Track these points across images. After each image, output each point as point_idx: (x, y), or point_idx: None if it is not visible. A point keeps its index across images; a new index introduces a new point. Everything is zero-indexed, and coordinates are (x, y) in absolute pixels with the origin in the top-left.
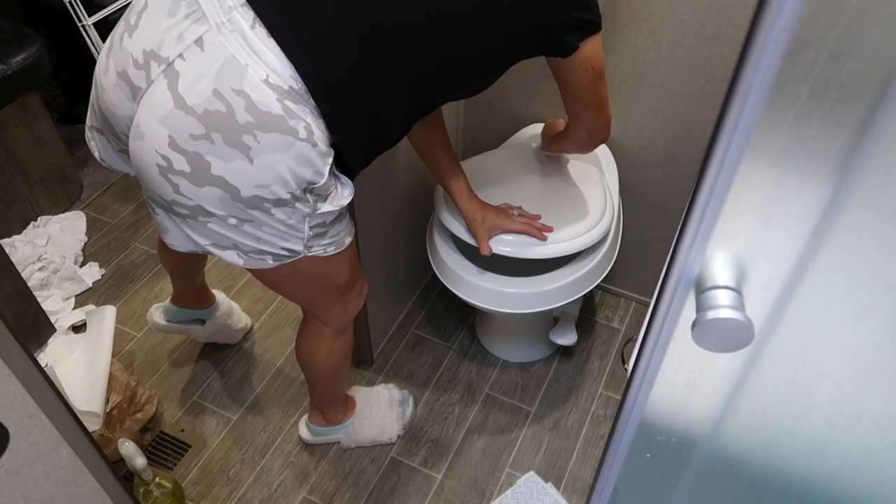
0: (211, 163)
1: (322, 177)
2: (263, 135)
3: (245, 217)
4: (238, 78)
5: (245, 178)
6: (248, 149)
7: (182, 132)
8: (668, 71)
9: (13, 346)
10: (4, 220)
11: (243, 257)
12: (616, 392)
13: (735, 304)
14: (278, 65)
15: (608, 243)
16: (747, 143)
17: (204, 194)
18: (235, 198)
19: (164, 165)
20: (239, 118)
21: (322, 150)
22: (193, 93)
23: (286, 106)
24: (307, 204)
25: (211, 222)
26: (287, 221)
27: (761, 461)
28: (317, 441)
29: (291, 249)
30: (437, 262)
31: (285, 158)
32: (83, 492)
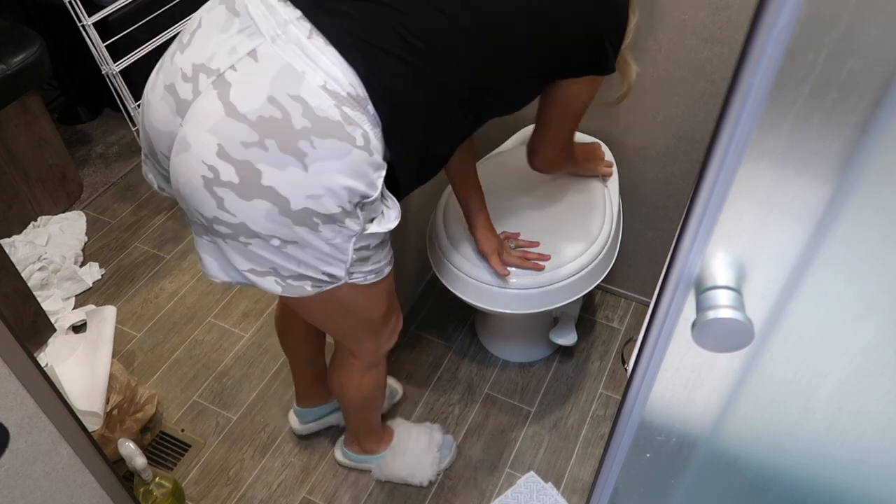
0: (262, 171)
1: (375, 190)
2: (320, 140)
3: (289, 237)
4: (295, 84)
5: (297, 187)
6: (303, 155)
7: (233, 140)
8: (668, 71)
9: (13, 346)
10: (4, 220)
11: (282, 284)
12: (616, 392)
13: (735, 304)
14: (337, 71)
15: (608, 243)
16: (747, 143)
17: (251, 209)
18: (284, 211)
19: (210, 177)
20: (295, 123)
21: (377, 162)
22: (246, 100)
23: (344, 112)
24: (357, 221)
25: (252, 244)
26: (332, 241)
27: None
28: (349, 465)
29: (332, 275)
30: (437, 262)
31: (341, 167)
32: (83, 492)
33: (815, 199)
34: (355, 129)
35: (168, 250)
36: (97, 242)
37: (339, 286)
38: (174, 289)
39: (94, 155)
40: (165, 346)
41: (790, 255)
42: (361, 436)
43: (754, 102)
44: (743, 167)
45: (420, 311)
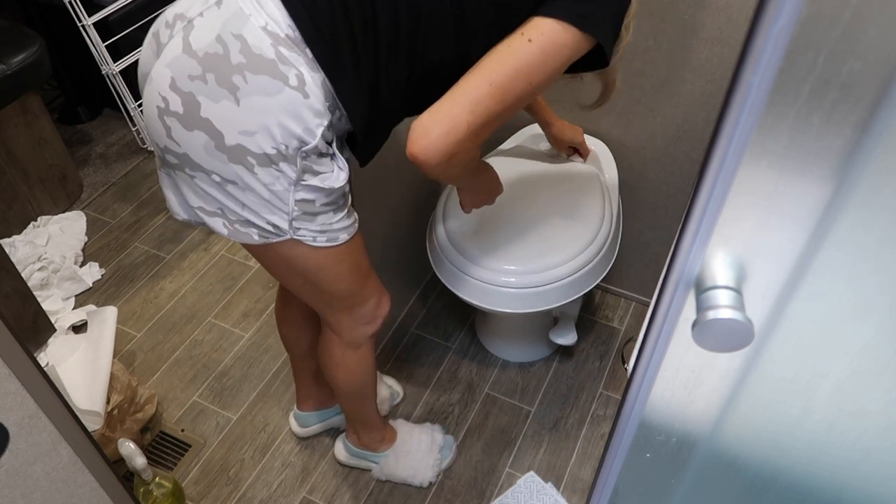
0: (201, 103)
1: (313, 137)
2: (253, 76)
3: (228, 175)
4: (240, 24)
5: (230, 121)
6: (236, 89)
7: (182, 73)
8: (668, 71)
9: (13, 346)
10: (4, 220)
11: (229, 227)
12: (616, 392)
13: (735, 304)
14: (277, 13)
15: (608, 243)
16: (747, 143)
17: (192, 140)
18: (219, 146)
19: (162, 107)
20: (232, 59)
21: (315, 107)
22: (199, 39)
23: (279, 51)
24: (293, 168)
25: (197, 177)
26: (271, 186)
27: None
28: (351, 463)
29: (276, 225)
30: (437, 262)
31: (272, 105)
32: (83, 492)
33: (815, 199)
34: (289, 69)
35: (168, 250)
36: (97, 242)
37: (287, 241)
38: (174, 289)
39: (94, 155)
40: (165, 346)
41: (790, 255)
42: (359, 428)
43: (754, 102)
44: (743, 167)
45: (420, 311)
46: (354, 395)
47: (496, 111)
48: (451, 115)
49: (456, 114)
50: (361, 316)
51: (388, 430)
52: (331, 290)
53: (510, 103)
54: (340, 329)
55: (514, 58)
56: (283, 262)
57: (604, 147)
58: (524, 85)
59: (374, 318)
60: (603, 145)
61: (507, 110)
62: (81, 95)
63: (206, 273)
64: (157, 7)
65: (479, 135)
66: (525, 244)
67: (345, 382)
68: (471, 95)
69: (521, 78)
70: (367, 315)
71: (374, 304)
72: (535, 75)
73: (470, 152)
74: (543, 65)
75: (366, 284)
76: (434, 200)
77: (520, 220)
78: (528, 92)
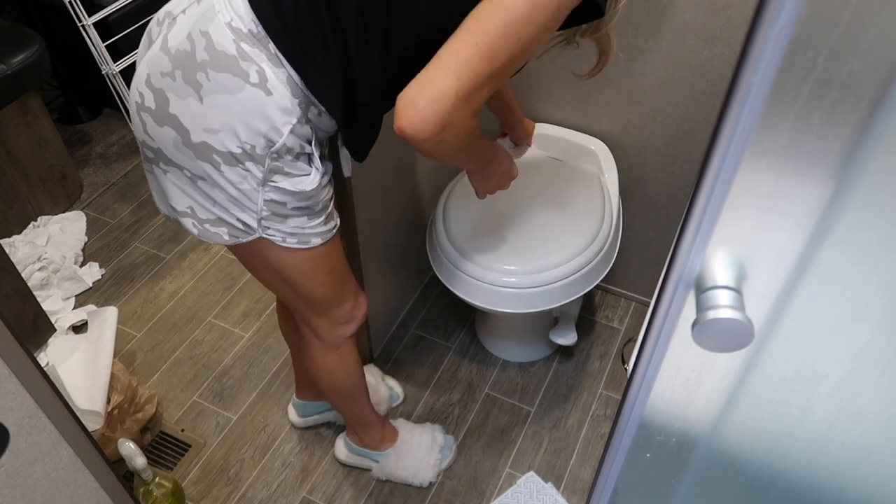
0: (170, 100)
1: (280, 135)
2: (215, 74)
3: (197, 171)
4: (208, 21)
5: (195, 119)
6: (200, 86)
7: (156, 70)
8: (668, 71)
9: (13, 346)
10: (4, 220)
11: (198, 227)
12: (616, 392)
13: (735, 304)
14: (242, 9)
15: (608, 243)
16: (747, 143)
17: (163, 135)
18: (186, 143)
19: (140, 102)
20: (197, 56)
21: (281, 104)
22: (174, 36)
23: (240, 48)
24: (260, 168)
25: (171, 171)
26: (239, 185)
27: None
28: (351, 462)
29: (246, 223)
30: (437, 262)
31: (234, 104)
32: (83, 492)
33: (815, 199)
34: (250, 66)
35: (168, 250)
36: (97, 242)
37: (257, 240)
38: (174, 289)
39: (94, 155)
40: (165, 346)
41: (790, 255)
42: (357, 428)
43: (754, 102)
44: (743, 167)
45: (420, 311)
46: (343, 396)
47: (486, 73)
48: (437, 83)
49: (441, 80)
50: (338, 317)
51: (388, 428)
52: (307, 294)
53: (500, 64)
54: (318, 330)
55: (499, 14)
56: (259, 262)
57: (604, 147)
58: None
59: (351, 318)
60: (603, 145)
61: (499, 73)
62: (81, 95)
63: (206, 273)
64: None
65: (471, 101)
66: (525, 244)
67: (329, 384)
68: (456, 59)
69: (510, 35)
70: (343, 317)
71: (351, 306)
72: (524, 31)
73: (464, 122)
74: (532, 18)
75: (343, 288)
76: (434, 200)
77: (520, 221)
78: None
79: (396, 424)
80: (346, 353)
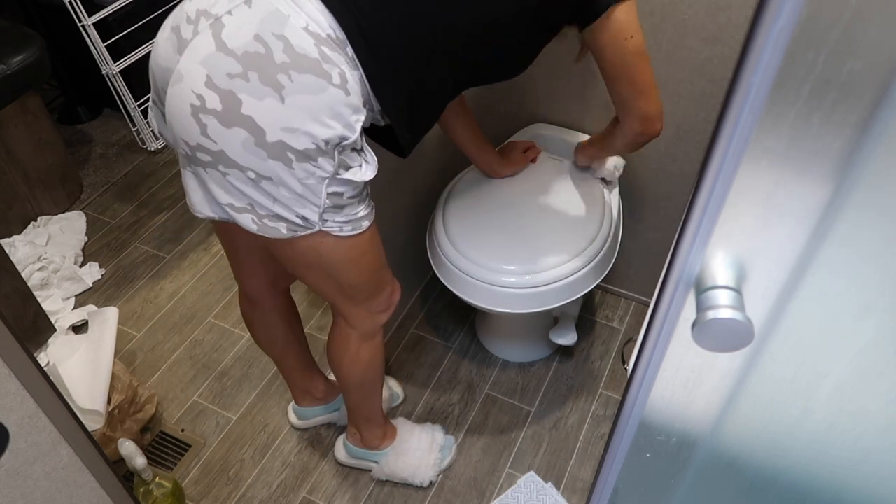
0: (243, 101)
1: (353, 132)
2: (298, 75)
3: (264, 171)
4: (280, 25)
5: (274, 119)
6: (281, 87)
7: (220, 71)
8: (668, 71)
9: (13, 346)
10: (4, 220)
11: (258, 222)
12: (616, 392)
13: (735, 304)
14: (318, 14)
15: (608, 243)
16: (747, 143)
17: (230, 136)
18: (260, 142)
19: (198, 105)
20: (276, 58)
21: (354, 104)
22: (235, 38)
23: (322, 51)
24: (330, 162)
25: (230, 174)
26: (306, 181)
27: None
28: (351, 464)
29: (306, 218)
30: (437, 262)
31: (316, 103)
32: (83, 492)
33: (815, 199)
34: (332, 68)
35: (168, 250)
36: (97, 242)
37: (315, 234)
38: (174, 289)
39: (94, 155)
40: (165, 346)
41: (790, 255)
42: (362, 424)
43: (754, 102)
44: (743, 167)
45: (420, 311)
46: (366, 388)
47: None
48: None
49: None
50: (377, 305)
51: (388, 427)
52: (353, 282)
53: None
54: (356, 320)
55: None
56: (311, 256)
57: None
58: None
59: (389, 305)
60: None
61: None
62: (81, 95)
63: (206, 273)
64: (157, 7)
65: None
66: (525, 244)
67: (357, 375)
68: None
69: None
70: (382, 303)
71: (390, 292)
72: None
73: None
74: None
75: (382, 274)
76: (434, 201)
77: (520, 221)
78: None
79: (396, 423)
80: (379, 343)
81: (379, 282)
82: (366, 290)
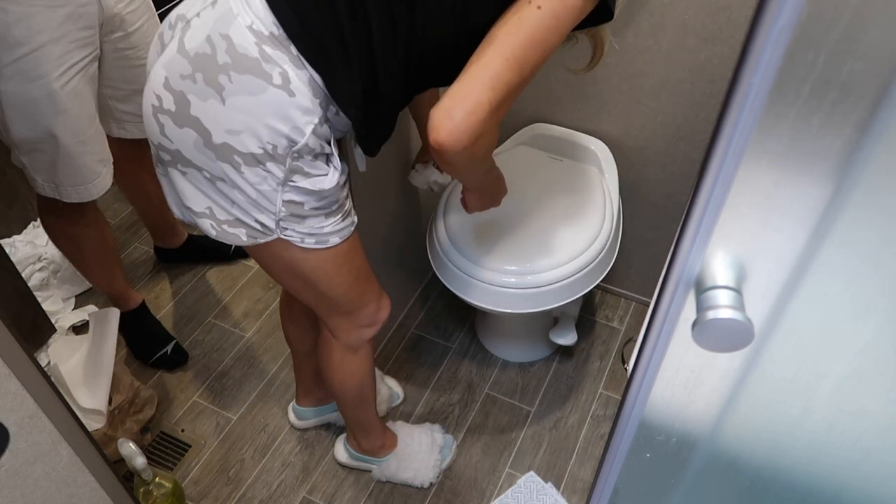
0: (191, 102)
1: (302, 135)
2: (237, 76)
3: (217, 172)
4: (227, 24)
5: (217, 120)
6: (222, 88)
7: (175, 73)
8: (668, 71)
9: (13, 346)
10: (4, 220)
11: (217, 228)
12: (616, 392)
13: (735, 304)
14: (262, 12)
15: (608, 243)
16: (747, 143)
17: (183, 137)
18: (207, 144)
19: (157, 105)
20: (219, 59)
21: (302, 105)
22: (192, 39)
23: (263, 50)
24: (281, 168)
25: (189, 173)
26: (259, 186)
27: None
28: (352, 465)
29: (264, 224)
30: (437, 262)
31: (257, 105)
32: (83, 492)
33: (815, 199)
34: (273, 68)
35: None
36: None
37: (276, 241)
38: (174, 289)
39: None
40: None
41: (790, 256)
42: (358, 433)
43: (754, 102)
44: (743, 167)
45: (420, 311)
46: (353, 400)
47: (515, 83)
48: (473, 94)
49: (477, 92)
50: (360, 319)
51: (388, 435)
52: (328, 294)
53: (527, 73)
54: (339, 332)
55: (526, 27)
56: (279, 263)
57: (604, 147)
58: (539, 52)
59: (374, 322)
60: (603, 145)
61: (525, 81)
62: None
63: (207, 273)
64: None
65: (500, 111)
66: (525, 244)
67: (343, 386)
68: (489, 71)
69: (536, 46)
70: (366, 319)
71: (374, 309)
72: (548, 41)
73: (494, 132)
74: (556, 29)
75: (366, 288)
76: (434, 201)
77: (520, 221)
78: (543, 58)
79: (395, 428)
80: (365, 357)
81: (361, 296)
82: (345, 304)
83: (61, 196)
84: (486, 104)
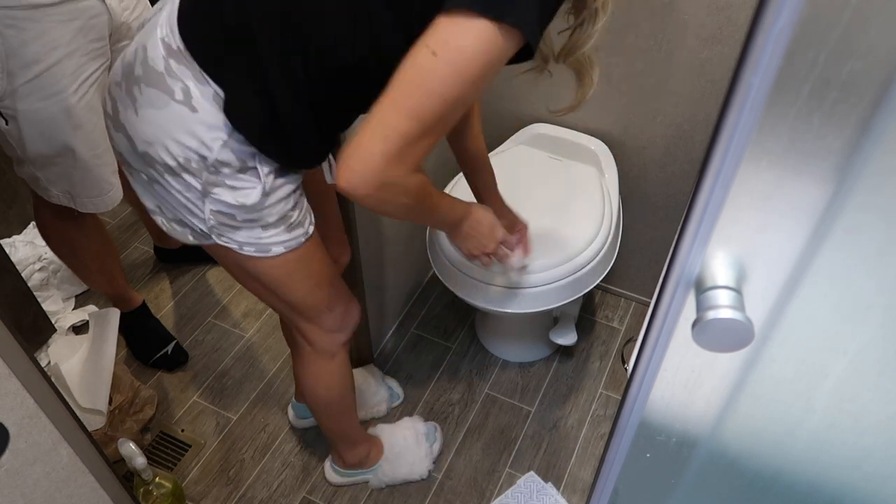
0: (119, 109)
1: (210, 151)
2: (147, 88)
3: (151, 176)
4: (149, 35)
5: (135, 130)
6: (135, 99)
7: (113, 79)
8: (668, 71)
9: (13, 346)
10: (4, 220)
11: (167, 225)
12: (616, 392)
13: (735, 304)
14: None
15: (608, 243)
16: (747, 143)
17: (119, 140)
18: (134, 150)
19: (106, 108)
20: (136, 70)
21: (207, 121)
22: (129, 49)
23: (168, 64)
24: (198, 181)
25: (134, 174)
26: (184, 193)
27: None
28: (346, 482)
29: (201, 228)
30: (437, 262)
31: (161, 119)
32: (83, 492)
33: (815, 199)
34: (175, 83)
35: None
36: None
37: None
38: (174, 289)
39: None
40: None
41: (790, 256)
42: (342, 447)
43: (754, 102)
44: (743, 167)
45: (420, 311)
46: (333, 409)
47: (414, 133)
48: (364, 144)
49: (368, 143)
50: (327, 324)
51: (373, 444)
52: (287, 298)
53: (431, 123)
54: (310, 336)
55: (420, 76)
56: (232, 265)
57: (604, 147)
58: (438, 102)
59: (343, 327)
60: (603, 145)
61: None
62: None
63: (206, 273)
64: None
65: (405, 160)
66: None
67: (318, 395)
68: (381, 121)
69: (433, 96)
70: (333, 324)
71: (341, 314)
72: (448, 91)
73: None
74: (458, 80)
75: (329, 293)
76: None
77: None
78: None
79: (376, 432)
80: (341, 364)
81: (324, 300)
82: (307, 309)
83: (77, 206)
84: (377, 155)
